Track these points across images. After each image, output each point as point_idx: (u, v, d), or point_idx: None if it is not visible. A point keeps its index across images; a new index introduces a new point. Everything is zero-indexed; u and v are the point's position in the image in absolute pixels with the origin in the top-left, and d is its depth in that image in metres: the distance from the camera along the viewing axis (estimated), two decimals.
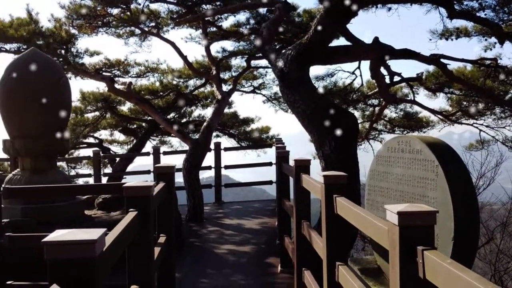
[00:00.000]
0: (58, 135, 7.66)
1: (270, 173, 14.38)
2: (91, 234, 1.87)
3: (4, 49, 11.42)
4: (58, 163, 12.31)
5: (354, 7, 7.05)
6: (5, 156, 12.04)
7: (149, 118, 15.09)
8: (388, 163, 4.58)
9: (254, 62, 14.18)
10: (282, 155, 7.34)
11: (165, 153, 14.10)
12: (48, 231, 5.45)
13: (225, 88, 13.42)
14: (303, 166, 5.29)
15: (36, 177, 7.36)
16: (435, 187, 3.98)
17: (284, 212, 7.12)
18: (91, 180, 13.98)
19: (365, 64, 11.19)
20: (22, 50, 10.91)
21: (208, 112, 16.70)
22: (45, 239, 1.81)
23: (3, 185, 5.46)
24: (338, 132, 6.47)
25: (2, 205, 5.47)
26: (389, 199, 4.54)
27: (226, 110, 14.77)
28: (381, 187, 4.71)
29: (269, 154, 15.63)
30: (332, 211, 3.68)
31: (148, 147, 15.89)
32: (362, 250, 13.50)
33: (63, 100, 7.91)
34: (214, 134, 13.85)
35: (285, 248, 6.62)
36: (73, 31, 11.94)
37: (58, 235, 1.85)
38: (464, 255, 3.88)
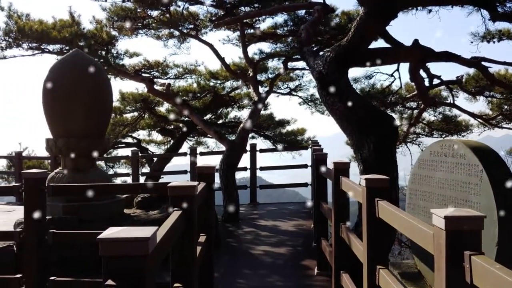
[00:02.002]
0: (100, 134, 7.85)
1: (302, 175, 14.38)
2: (144, 231, 1.92)
3: (47, 50, 11.73)
4: (97, 162, 12.58)
5: (395, 10, 7.02)
6: (46, 154, 12.42)
7: (186, 119, 15.29)
8: (431, 167, 4.53)
9: (291, 64, 14.19)
10: (320, 158, 7.31)
11: (201, 153, 14.25)
12: (89, 228, 5.60)
13: (261, 89, 13.46)
14: (342, 169, 5.27)
15: (77, 176, 7.54)
16: (478, 191, 3.92)
17: (321, 214, 7.09)
18: (129, 179, 14.25)
19: (404, 66, 11.05)
20: (65, 51, 11.21)
21: (244, 113, 16.83)
22: (100, 236, 1.87)
23: (47, 183, 5.62)
24: (378, 135, 6.41)
25: None
26: (431, 203, 4.49)
27: (262, 112, 14.81)
28: (423, 191, 4.66)
29: (304, 156, 15.62)
30: (374, 215, 3.66)
31: (185, 147, 16.13)
32: (398, 254, 13.32)
33: (105, 100, 8.10)
34: (249, 135, 13.91)
35: (322, 251, 6.60)
36: (113, 32, 12.20)
37: (113, 232, 1.91)
38: (508, 262, 3.81)
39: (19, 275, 4.99)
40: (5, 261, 6.07)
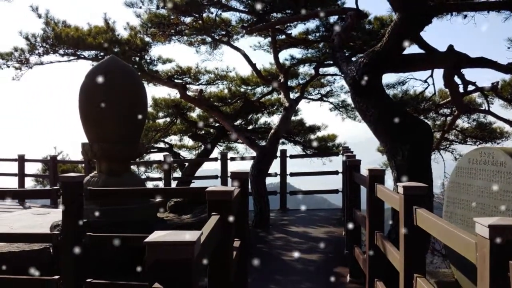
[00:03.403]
0: (135, 139, 7.96)
1: (329, 181, 14.30)
2: (190, 235, 1.95)
3: (83, 56, 11.97)
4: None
5: (429, 15, 6.95)
6: (80, 158, 12.65)
7: (217, 124, 15.41)
8: (469, 175, 4.45)
9: (322, 70, 14.15)
10: (354, 164, 7.24)
11: (232, 159, 14.31)
12: (123, 232, 5.65)
13: (292, 95, 13.47)
14: (378, 175, 5.21)
15: (112, 180, 7.65)
16: None
17: (353, 221, 7.03)
18: (160, 184, 14.42)
19: (438, 72, 10.90)
20: (100, 57, 11.43)
21: (274, 119, 16.87)
22: (147, 239, 1.90)
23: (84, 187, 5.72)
24: (412, 141, 6.35)
25: None
26: (469, 212, 4.41)
27: (292, 118, 14.80)
28: (461, 199, 4.58)
29: (334, 162, 15.52)
30: (412, 223, 3.62)
31: (215, 152, 16.26)
32: (431, 263, 13.11)
33: (140, 106, 8.22)
34: (280, 141, 13.90)
35: (355, 258, 6.54)
36: (147, 39, 12.38)
37: (159, 235, 1.94)
38: None
39: (56, 277, 5.09)
40: (42, 262, 6.20)
